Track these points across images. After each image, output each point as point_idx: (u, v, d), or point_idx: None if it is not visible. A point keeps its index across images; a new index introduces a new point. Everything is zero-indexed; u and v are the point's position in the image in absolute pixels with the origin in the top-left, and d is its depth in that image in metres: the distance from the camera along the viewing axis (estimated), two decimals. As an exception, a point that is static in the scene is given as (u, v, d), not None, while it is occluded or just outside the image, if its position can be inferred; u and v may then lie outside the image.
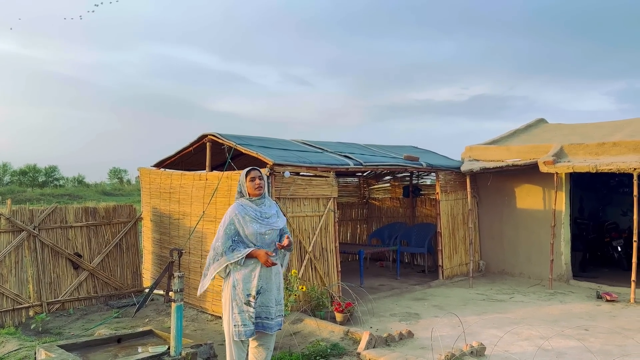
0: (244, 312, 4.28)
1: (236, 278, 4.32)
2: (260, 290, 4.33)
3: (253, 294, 4.29)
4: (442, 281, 8.93)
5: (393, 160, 8.40)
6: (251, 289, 4.29)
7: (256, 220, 4.34)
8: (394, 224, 11.05)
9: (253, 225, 4.32)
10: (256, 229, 4.32)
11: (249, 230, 4.30)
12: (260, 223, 4.34)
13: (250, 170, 4.44)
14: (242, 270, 4.32)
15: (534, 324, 6.37)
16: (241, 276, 4.31)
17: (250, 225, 4.31)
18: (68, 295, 7.45)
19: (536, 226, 9.22)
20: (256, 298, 4.31)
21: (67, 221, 7.56)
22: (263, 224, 4.35)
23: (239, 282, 4.30)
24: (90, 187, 60.38)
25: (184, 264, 7.57)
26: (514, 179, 9.48)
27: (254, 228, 4.31)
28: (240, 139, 7.36)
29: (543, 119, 11.60)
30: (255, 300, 4.31)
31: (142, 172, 8.70)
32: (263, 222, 4.36)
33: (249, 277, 4.31)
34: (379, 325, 6.36)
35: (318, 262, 7.02)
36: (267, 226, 4.37)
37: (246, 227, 4.31)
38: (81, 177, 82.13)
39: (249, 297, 4.29)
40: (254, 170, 4.44)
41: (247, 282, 4.30)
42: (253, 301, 4.29)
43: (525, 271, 9.39)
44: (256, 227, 4.32)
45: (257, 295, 4.32)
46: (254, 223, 4.33)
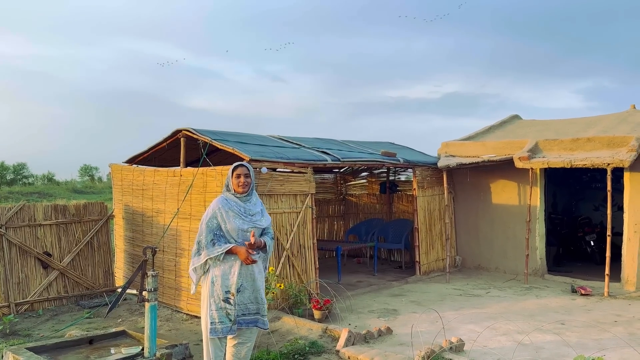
0: (222, 309, 4.17)
1: (215, 274, 4.22)
2: (240, 288, 4.23)
3: (232, 291, 4.19)
4: (420, 277, 8.93)
5: (370, 156, 8.35)
6: (230, 286, 4.19)
7: (239, 216, 4.24)
8: (371, 220, 11.03)
9: (236, 221, 4.22)
10: (238, 225, 4.22)
11: (231, 225, 4.20)
12: (243, 219, 4.25)
13: (238, 166, 4.34)
14: (221, 266, 4.21)
15: (511, 319, 6.40)
16: (220, 272, 4.20)
17: (232, 220, 4.21)
18: (37, 296, 7.20)
19: (511, 221, 9.29)
20: (235, 296, 4.21)
21: (35, 219, 7.30)
22: (246, 221, 4.26)
23: (218, 278, 4.20)
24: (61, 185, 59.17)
25: (158, 262, 7.40)
26: (489, 174, 9.53)
27: (236, 224, 4.21)
28: (215, 134, 7.21)
29: (517, 115, 11.70)
30: (235, 298, 4.20)
31: (114, 168, 8.47)
32: (246, 218, 4.26)
33: (228, 274, 4.21)
34: (358, 322, 6.31)
35: (296, 259, 6.93)
36: (250, 223, 4.28)
37: (228, 222, 4.21)
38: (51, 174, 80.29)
39: (227, 293, 4.18)
40: (241, 167, 4.34)
41: (226, 278, 4.20)
42: (232, 298, 4.19)
43: (501, 266, 9.46)
44: (238, 223, 4.22)
45: (238, 293, 4.22)
46: (236, 219, 4.23)
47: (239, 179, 4.30)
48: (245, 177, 4.31)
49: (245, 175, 4.32)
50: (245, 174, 4.32)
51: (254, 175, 4.42)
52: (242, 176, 4.30)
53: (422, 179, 9.19)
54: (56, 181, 67.11)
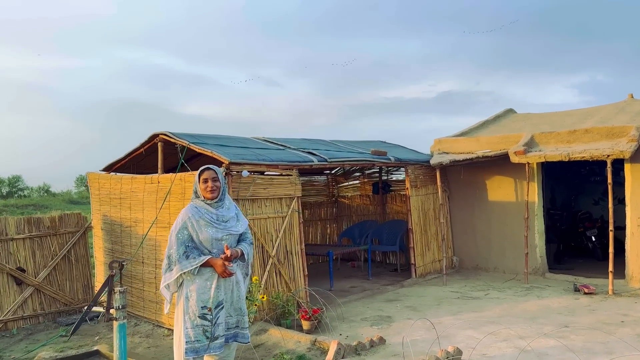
0: (198, 326, 3.81)
1: (189, 289, 3.86)
2: (222, 302, 3.87)
3: (210, 306, 3.83)
4: (415, 280, 8.56)
5: (360, 156, 7.99)
6: (207, 301, 3.83)
7: (211, 224, 3.88)
8: (364, 222, 10.66)
9: (208, 230, 3.86)
10: (211, 234, 3.86)
11: (203, 235, 3.84)
12: (216, 227, 3.89)
13: (204, 170, 3.98)
14: (197, 280, 3.85)
15: (512, 323, 6.03)
16: (195, 287, 3.84)
17: (205, 229, 3.86)
18: (11, 314, 6.81)
19: (509, 219, 8.93)
20: (215, 312, 3.84)
21: (7, 233, 6.92)
22: (219, 229, 3.90)
23: (193, 293, 3.84)
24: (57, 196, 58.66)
25: (138, 274, 7.02)
26: (484, 171, 9.18)
27: (209, 233, 3.86)
28: (194, 137, 6.84)
29: (512, 109, 11.37)
30: (216, 315, 3.84)
31: (91, 177, 8.08)
32: (219, 226, 3.91)
33: (204, 288, 3.85)
34: (349, 332, 5.94)
35: (283, 266, 6.55)
36: (225, 231, 3.92)
37: (200, 231, 3.85)
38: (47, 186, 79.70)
39: (204, 309, 3.82)
40: (208, 170, 3.98)
41: (203, 292, 3.84)
42: (209, 314, 3.82)
43: (500, 266, 9.10)
44: (211, 232, 3.87)
45: (217, 309, 3.85)
46: (209, 227, 3.87)
47: (206, 183, 3.95)
48: (213, 181, 3.96)
49: (213, 179, 3.97)
50: (212, 177, 3.97)
51: (223, 178, 4.05)
52: (210, 180, 3.95)
53: (415, 177, 8.83)
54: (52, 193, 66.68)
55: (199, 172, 3.99)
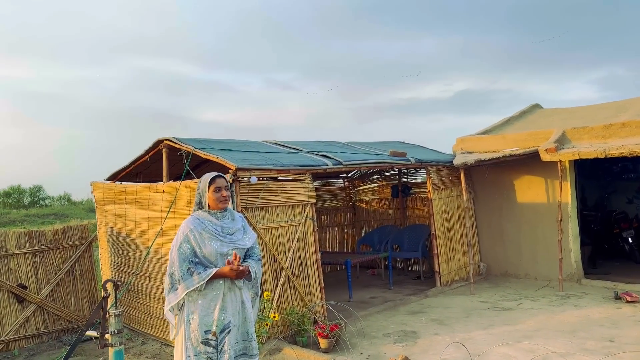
0: (201, 353, 3.35)
1: (190, 311, 3.40)
2: (228, 325, 3.40)
3: (214, 331, 3.37)
4: (440, 289, 8.01)
5: (377, 158, 7.47)
6: (211, 325, 3.37)
7: (216, 237, 3.43)
8: (384, 228, 10.13)
9: (212, 244, 3.41)
10: (216, 248, 3.40)
11: (207, 249, 3.39)
12: (221, 240, 3.43)
13: (216, 177, 3.54)
14: (200, 300, 3.39)
15: (550, 337, 5.47)
16: (198, 308, 3.38)
17: (208, 243, 3.41)
18: (13, 334, 6.44)
19: (540, 221, 8.33)
20: (220, 337, 3.38)
21: (7, 248, 6.56)
22: (225, 242, 3.44)
23: (194, 316, 3.38)
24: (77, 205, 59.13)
25: (144, 289, 6.60)
26: (512, 170, 8.59)
27: (213, 247, 3.40)
28: (200, 142, 6.41)
29: (538, 104, 10.75)
30: (222, 340, 3.38)
31: (95, 187, 7.71)
32: (225, 239, 3.45)
33: (208, 310, 3.38)
34: (371, 350, 5.43)
35: (297, 279, 6.07)
36: (231, 244, 3.46)
37: (204, 245, 3.40)
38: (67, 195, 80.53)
39: (207, 334, 3.36)
40: (220, 178, 3.54)
41: (206, 315, 3.38)
42: (214, 339, 3.36)
43: (531, 272, 8.50)
44: (216, 246, 3.41)
45: (223, 333, 3.39)
46: (213, 240, 3.42)
47: (219, 192, 3.51)
48: (226, 189, 3.54)
49: (226, 187, 3.55)
50: (225, 186, 3.55)
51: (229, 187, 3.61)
52: (223, 189, 3.52)
53: (437, 179, 8.29)
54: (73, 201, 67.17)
55: (209, 180, 3.53)
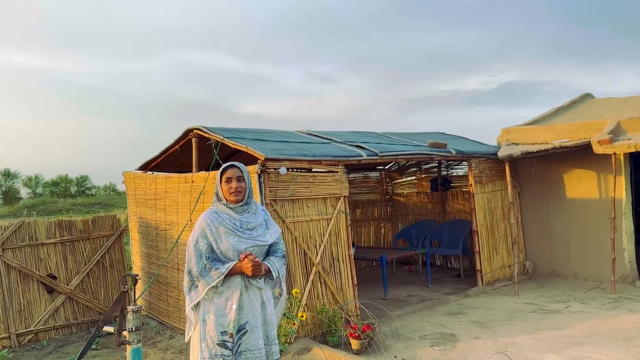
0: (217, 356, 3.10)
1: (206, 310, 3.16)
2: (244, 326, 3.14)
3: (230, 332, 3.11)
4: (482, 288, 7.57)
5: (415, 149, 7.08)
6: (227, 325, 3.12)
7: (234, 232, 3.16)
8: (422, 223, 9.72)
9: (230, 239, 3.15)
10: (233, 244, 3.14)
11: (224, 245, 3.14)
12: (239, 236, 3.17)
13: (227, 167, 3.26)
14: (215, 299, 3.15)
15: (602, 345, 5.01)
16: (213, 307, 3.14)
17: (225, 238, 3.15)
18: (42, 324, 6.41)
19: (591, 218, 7.77)
20: (236, 338, 3.13)
21: (37, 238, 6.52)
22: (243, 238, 3.17)
23: (210, 315, 3.14)
24: (122, 195, 60.43)
25: (173, 282, 6.45)
26: (561, 163, 8.04)
27: (230, 242, 3.14)
28: (230, 132, 6.18)
29: (589, 94, 10.09)
30: (237, 341, 3.13)
31: (127, 176, 7.61)
32: (243, 234, 3.18)
33: (224, 309, 3.13)
34: (406, 353, 5.09)
35: (328, 275, 5.78)
36: (250, 241, 3.19)
37: (220, 240, 3.15)
38: (113, 185, 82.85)
39: (223, 335, 3.11)
40: (232, 168, 3.26)
41: (222, 315, 3.13)
42: (230, 340, 3.11)
43: (580, 272, 7.95)
44: (233, 242, 3.15)
45: (240, 334, 3.14)
46: (230, 236, 3.16)
47: (229, 183, 3.23)
48: (237, 180, 3.24)
49: (238, 178, 3.24)
50: (237, 176, 3.24)
51: (249, 178, 3.32)
52: (234, 180, 3.23)
53: (480, 172, 7.82)
54: (118, 191, 69.05)
55: (220, 171, 3.28)
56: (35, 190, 76.27)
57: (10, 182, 70.88)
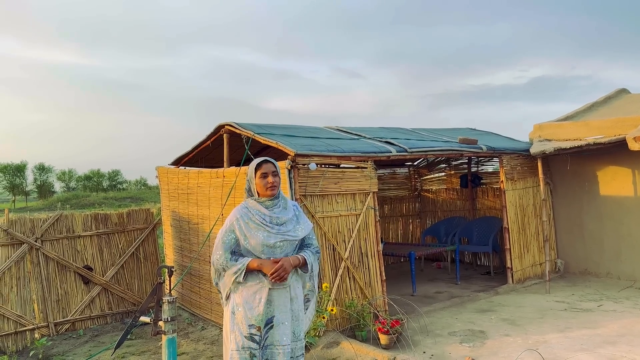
0: (245, 349, 3.17)
1: (236, 302, 3.24)
2: (271, 320, 3.20)
3: (258, 325, 3.18)
4: (512, 286, 7.50)
5: (445, 145, 7.05)
6: (255, 318, 3.18)
7: (263, 227, 3.21)
8: (451, 219, 9.66)
9: (259, 234, 3.20)
10: (263, 239, 3.19)
11: (254, 240, 3.20)
12: (268, 231, 3.21)
13: (262, 162, 3.31)
14: (244, 292, 3.22)
15: (636, 344, 4.92)
16: (242, 299, 3.21)
17: (255, 233, 3.21)
18: (78, 314, 6.62)
19: (625, 216, 7.61)
20: (264, 332, 3.20)
21: (74, 230, 6.73)
22: (272, 233, 3.22)
23: (239, 308, 3.21)
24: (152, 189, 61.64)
25: (205, 274, 6.58)
26: (595, 160, 7.89)
27: (260, 237, 3.20)
28: (260, 127, 6.26)
29: (625, 89, 9.83)
30: (265, 335, 3.20)
31: (160, 171, 7.77)
32: (273, 229, 3.23)
33: (252, 303, 3.20)
34: (435, 349, 5.10)
35: (357, 270, 5.81)
36: (279, 235, 3.23)
37: (250, 235, 3.20)
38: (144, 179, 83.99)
39: (251, 328, 3.18)
40: (267, 163, 3.31)
41: (250, 308, 3.19)
42: (258, 334, 3.18)
43: (614, 271, 7.80)
44: (262, 237, 3.20)
45: (267, 327, 3.20)
46: (259, 230, 3.21)
47: (266, 178, 3.27)
48: (273, 175, 3.29)
49: (273, 173, 3.30)
50: (272, 171, 3.29)
51: (280, 172, 3.37)
52: (270, 175, 3.28)
53: (511, 168, 7.74)
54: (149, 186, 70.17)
55: (255, 166, 3.32)
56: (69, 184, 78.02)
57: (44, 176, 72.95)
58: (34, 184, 71.45)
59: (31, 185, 71.49)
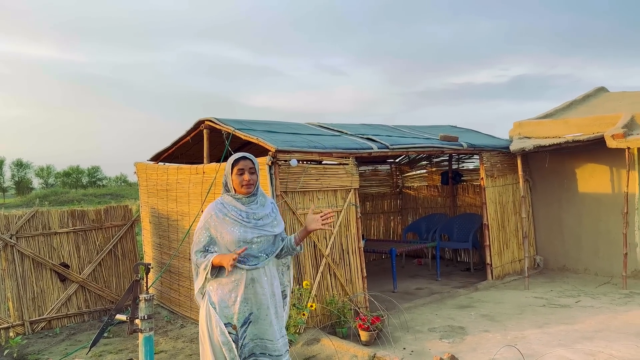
0: (225, 344, 3.12)
1: (212, 300, 3.19)
2: (249, 318, 3.17)
3: (234, 324, 3.14)
4: (492, 282, 7.55)
5: (426, 142, 7.06)
6: (232, 317, 3.14)
7: (239, 223, 3.15)
8: (432, 216, 9.71)
9: (235, 230, 3.14)
10: (239, 235, 3.14)
11: (229, 236, 3.13)
12: (245, 226, 3.16)
13: (240, 159, 3.24)
14: (219, 290, 3.17)
15: (612, 340, 4.98)
16: (217, 297, 3.16)
17: (230, 229, 3.14)
18: (55, 312, 6.50)
19: (603, 213, 7.71)
20: (241, 331, 3.15)
21: (50, 227, 6.59)
22: (249, 227, 3.17)
23: (216, 306, 3.16)
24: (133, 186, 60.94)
25: (184, 272, 6.51)
26: (574, 158, 7.99)
27: (235, 233, 3.13)
28: (241, 123, 6.21)
29: (604, 87, 9.97)
30: (243, 334, 3.16)
31: (139, 167, 7.66)
32: (249, 223, 3.17)
33: (228, 301, 3.15)
34: (415, 345, 5.11)
35: (338, 267, 5.80)
36: (256, 230, 3.19)
37: (225, 232, 3.14)
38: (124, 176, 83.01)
39: (228, 326, 3.13)
40: (245, 159, 3.24)
41: (226, 307, 3.15)
42: (234, 332, 3.14)
43: (591, 267, 7.91)
44: (239, 232, 3.14)
45: (245, 325, 3.16)
46: (236, 226, 3.15)
47: (242, 175, 3.21)
48: (250, 172, 3.22)
49: (250, 170, 3.23)
50: (249, 168, 3.23)
51: (259, 169, 3.32)
52: (246, 172, 3.22)
53: (491, 166, 7.79)
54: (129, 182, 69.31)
55: (232, 162, 3.27)
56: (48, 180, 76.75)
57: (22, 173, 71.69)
58: (11, 180, 70.17)
59: (9, 182, 70.22)
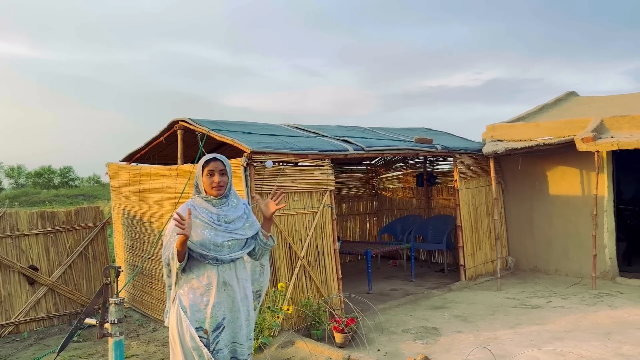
0: (195, 349, 3.07)
1: (183, 304, 3.12)
2: (222, 323, 3.12)
3: (206, 328, 3.09)
4: (465, 283, 7.64)
5: (402, 144, 7.10)
6: (203, 322, 3.09)
7: (210, 226, 3.10)
8: (407, 217, 9.77)
9: (205, 232, 3.08)
10: (209, 238, 3.08)
11: (199, 238, 3.07)
12: (215, 229, 3.10)
13: (210, 160, 3.19)
14: (190, 294, 3.11)
15: (582, 339, 5.08)
16: (189, 301, 3.10)
17: (200, 231, 3.08)
18: (23, 316, 6.34)
19: (573, 215, 7.87)
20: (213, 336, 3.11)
21: (18, 229, 6.43)
22: (219, 231, 3.11)
23: (187, 310, 3.10)
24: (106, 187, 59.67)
25: (157, 274, 6.41)
26: (545, 160, 8.13)
27: (206, 236, 3.08)
28: (216, 124, 6.15)
29: (574, 92, 10.19)
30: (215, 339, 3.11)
31: (111, 168, 7.53)
32: (220, 227, 3.12)
33: (199, 305, 3.10)
34: (389, 347, 5.13)
35: (313, 269, 5.78)
36: (227, 234, 3.13)
37: (195, 234, 3.07)
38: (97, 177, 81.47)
39: (199, 331, 3.08)
40: (215, 161, 3.18)
41: (197, 311, 3.09)
42: (205, 337, 3.09)
43: (562, 268, 8.06)
44: (209, 235, 3.09)
45: (218, 331, 3.12)
46: (206, 229, 3.09)
47: (212, 177, 3.15)
48: (220, 174, 3.17)
49: (221, 172, 3.18)
50: (220, 170, 3.18)
51: (231, 171, 3.28)
52: (217, 173, 3.16)
53: (465, 168, 7.88)
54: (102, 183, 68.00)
55: (202, 163, 3.21)
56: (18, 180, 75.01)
57: (-9, 172, 69.75)
58: (-21, 181, 68.38)
59: (-24, 182, 68.43)
